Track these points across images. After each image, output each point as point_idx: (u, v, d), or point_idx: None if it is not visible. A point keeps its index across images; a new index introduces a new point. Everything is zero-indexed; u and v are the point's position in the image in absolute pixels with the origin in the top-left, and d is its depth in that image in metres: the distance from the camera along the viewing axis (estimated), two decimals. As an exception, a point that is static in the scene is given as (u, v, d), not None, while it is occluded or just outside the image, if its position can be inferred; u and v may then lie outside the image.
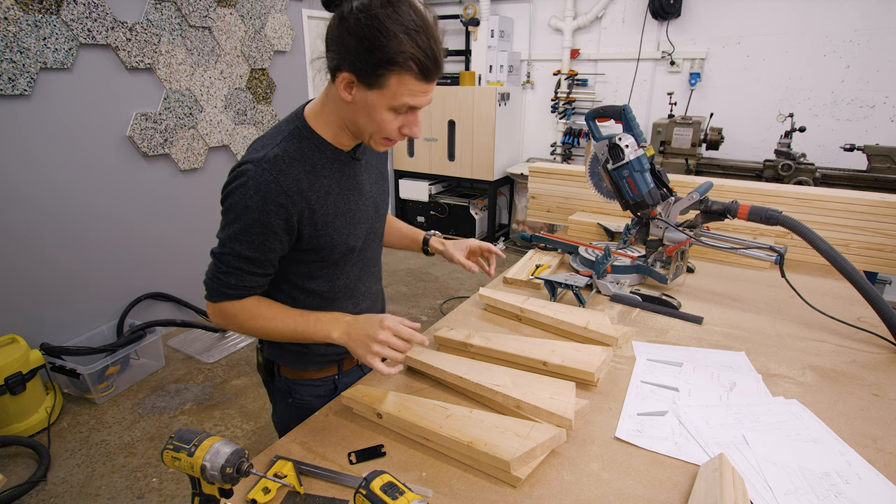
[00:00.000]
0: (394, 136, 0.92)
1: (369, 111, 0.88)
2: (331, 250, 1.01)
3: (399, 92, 0.84)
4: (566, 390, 0.98)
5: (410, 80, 0.83)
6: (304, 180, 0.94)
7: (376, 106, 0.86)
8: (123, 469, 2.19)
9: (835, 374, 1.15)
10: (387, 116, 0.88)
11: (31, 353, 2.38)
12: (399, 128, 0.91)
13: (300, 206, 0.93)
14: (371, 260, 1.15)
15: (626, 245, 1.73)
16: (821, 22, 3.51)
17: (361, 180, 1.05)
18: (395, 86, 0.83)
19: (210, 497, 0.74)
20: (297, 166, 0.93)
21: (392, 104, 0.86)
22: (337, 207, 0.99)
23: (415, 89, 0.85)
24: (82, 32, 2.58)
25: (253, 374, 2.88)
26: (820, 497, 0.80)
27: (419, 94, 0.86)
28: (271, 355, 1.16)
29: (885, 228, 1.70)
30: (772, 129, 3.72)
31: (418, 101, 0.87)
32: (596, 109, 1.62)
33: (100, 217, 2.86)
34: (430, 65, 0.83)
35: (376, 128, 0.90)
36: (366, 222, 1.07)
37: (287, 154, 0.93)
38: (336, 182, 0.99)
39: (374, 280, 1.20)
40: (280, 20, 3.61)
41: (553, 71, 4.57)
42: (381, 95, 0.85)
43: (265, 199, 0.89)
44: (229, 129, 3.43)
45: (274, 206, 0.90)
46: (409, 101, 0.86)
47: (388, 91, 0.84)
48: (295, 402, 1.17)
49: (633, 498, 0.81)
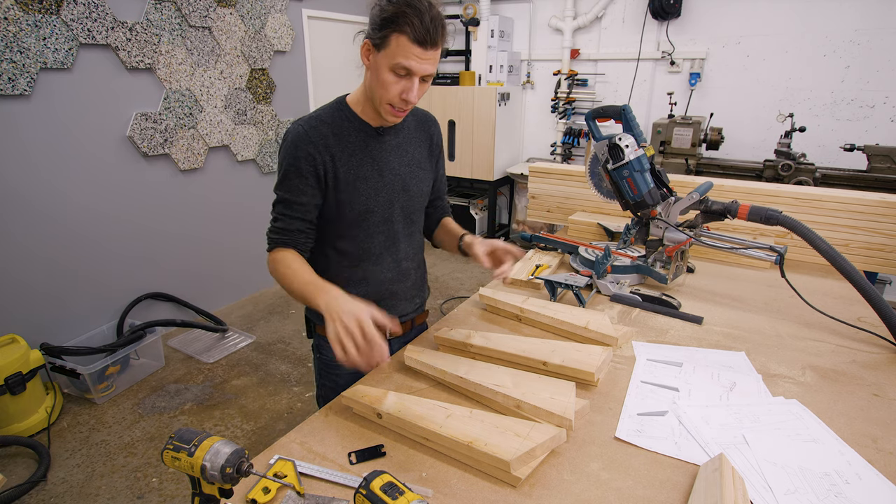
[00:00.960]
0: (395, 100, 1.05)
1: (378, 73, 1.04)
2: (350, 207, 1.15)
3: (396, 51, 1.00)
4: (566, 390, 0.98)
5: (406, 41, 0.98)
6: (331, 138, 1.13)
7: (381, 66, 1.03)
8: (123, 469, 2.19)
9: (835, 374, 1.15)
10: (388, 77, 1.03)
11: (31, 353, 2.38)
12: (399, 93, 1.04)
13: (325, 158, 1.12)
14: (399, 234, 1.25)
15: (626, 245, 1.73)
16: (821, 22, 3.51)
17: (387, 157, 1.19)
18: (395, 46, 0.99)
19: (210, 497, 0.74)
20: (326, 128, 1.13)
21: (391, 63, 1.01)
22: (358, 171, 1.15)
23: (409, 51, 0.99)
24: (82, 32, 2.58)
25: (253, 374, 2.88)
26: (820, 497, 0.80)
27: (413, 57, 1.00)
28: (308, 313, 1.34)
29: (885, 228, 1.70)
30: (772, 129, 3.73)
31: (412, 64, 1.01)
32: (596, 109, 1.62)
33: (100, 217, 2.86)
34: (424, 32, 0.98)
35: (381, 90, 1.04)
36: (388, 193, 1.19)
37: (320, 117, 1.14)
38: (360, 149, 1.16)
39: (405, 257, 1.28)
40: (280, 20, 3.61)
41: (553, 71, 4.57)
42: (385, 55, 1.01)
43: (296, 147, 1.11)
44: (229, 129, 3.43)
45: (303, 153, 1.10)
46: (404, 61, 1.00)
47: (389, 51, 1.00)
48: (322, 357, 1.32)
49: (633, 498, 0.81)
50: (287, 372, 2.91)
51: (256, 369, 2.93)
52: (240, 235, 3.63)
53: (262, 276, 3.80)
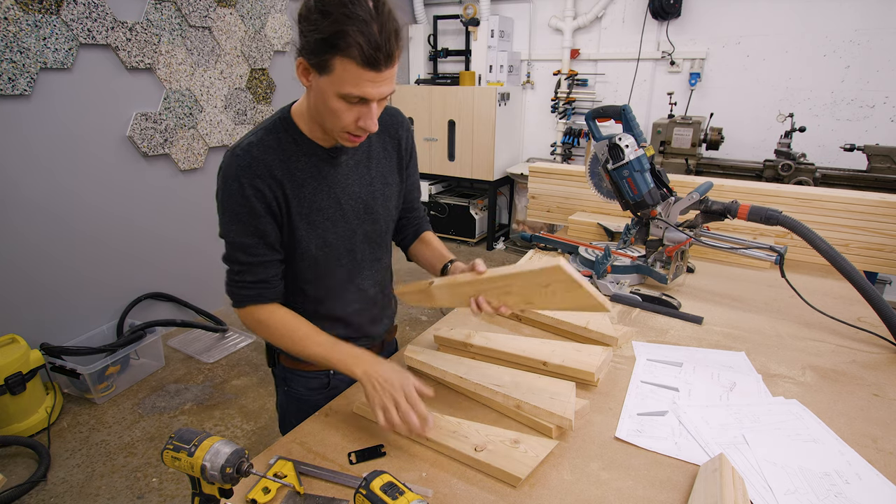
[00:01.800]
0: (351, 129, 0.89)
1: (324, 98, 0.86)
2: (306, 244, 1.00)
3: (344, 79, 0.82)
4: (566, 390, 0.99)
5: (353, 66, 0.80)
6: (278, 168, 0.95)
7: (328, 93, 0.85)
8: (123, 469, 2.19)
9: (835, 374, 1.15)
10: (338, 105, 0.86)
11: (31, 353, 2.38)
12: (355, 120, 0.88)
13: (276, 192, 0.95)
14: (362, 263, 1.11)
15: (626, 245, 1.73)
16: (821, 22, 3.51)
17: (344, 181, 1.03)
18: (340, 71, 0.81)
19: (210, 497, 0.74)
20: (271, 154, 0.95)
21: (340, 91, 0.84)
22: (312, 202, 0.99)
23: (360, 77, 0.81)
24: (82, 32, 2.58)
25: (253, 374, 2.88)
26: (820, 497, 0.80)
27: (364, 84, 0.82)
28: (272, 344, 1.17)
29: (885, 228, 1.70)
30: (772, 129, 3.72)
31: (365, 91, 0.83)
32: (596, 109, 1.62)
33: (100, 217, 2.86)
34: (374, 52, 0.79)
35: (332, 118, 0.88)
36: (347, 222, 1.04)
37: (262, 142, 0.95)
38: (311, 177, 0.99)
39: (372, 283, 1.15)
40: (280, 20, 3.61)
41: (553, 71, 4.57)
42: (330, 82, 0.83)
43: (241, 182, 0.93)
44: (229, 129, 3.43)
45: (251, 189, 0.93)
46: (353, 90, 0.83)
47: (335, 76, 0.82)
48: (290, 390, 1.20)
49: (633, 498, 0.81)
50: (287, 372, 2.91)
51: (256, 369, 2.93)
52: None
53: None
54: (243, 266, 0.98)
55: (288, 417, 1.24)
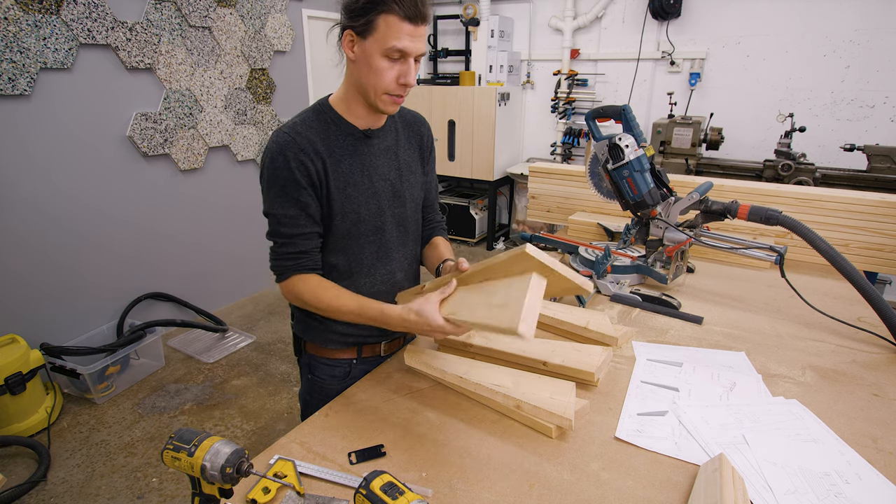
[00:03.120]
0: (392, 87, 0.99)
1: (368, 62, 0.96)
2: (341, 217, 1.08)
3: (387, 34, 0.92)
4: (566, 390, 0.99)
5: (395, 20, 0.91)
6: (320, 144, 1.05)
7: (372, 54, 0.95)
8: (123, 469, 2.19)
9: (835, 374, 1.15)
10: (382, 63, 0.96)
11: (31, 353, 2.38)
12: (396, 78, 0.98)
13: (317, 164, 1.04)
14: (391, 244, 1.17)
15: (626, 245, 1.73)
16: (821, 22, 3.51)
17: (376, 161, 1.12)
18: (384, 28, 0.92)
19: (210, 497, 0.74)
20: (312, 132, 1.05)
21: (383, 48, 0.94)
22: (348, 177, 1.07)
23: (401, 31, 0.92)
24: (82, 32, 2.58)
25: (253, 374, 2.88)
26: (820, 497, 0.80)
27: (405, 37, 0.93)
28: (298, 331, 1.24)
29: (885, 228, 1.70)
30: (772, 129, 3.73)
31: (405, 45, 0.94)
32: (596, 109, 1.62)
33: (100, 217, 2.86)
34: (413, 6, 0.91)
35: (376, 80, 0.97)
36: (378, 200, 1.12)
37: (304, 122, 1.06)
38: (348, 154, 1.08)
39: (399, 268, 1.21)
40: (280, 20, 3.61)
41: (553, 71, 4.57)
42: (374, 41, 0.94)
43: (286, 156, 1.01)
44: (229, 129, 3.43)
45: (295, 162, 1.01)
46: (397, 43, 0.93)
47: (378, 35, 0.93)
48: (314, 378, 1.25)
49: (633, 498, 0.81)
50: (287, 372, 2.90)
51: (256, 369, 2.93)
52: (240, 235, 3.63)
53: (262, 276, 3.80)
54: (286, 239, 1.05)
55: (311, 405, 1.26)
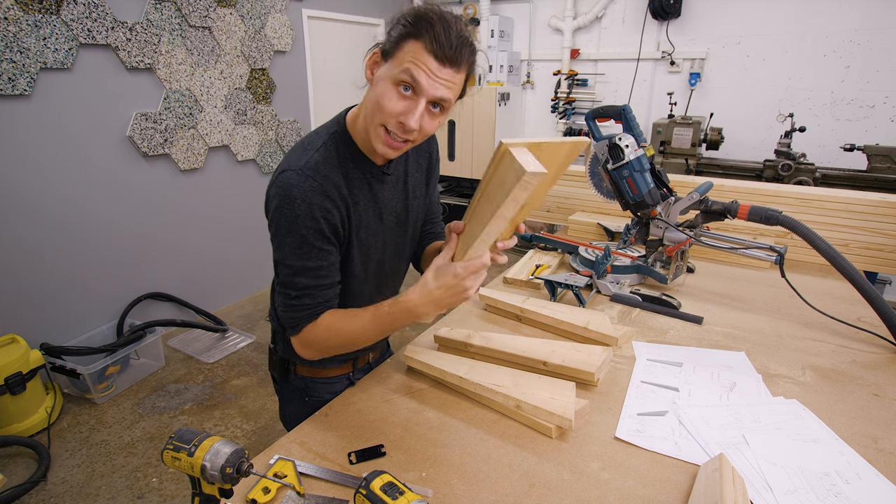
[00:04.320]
0: (390, 121, 0.87)
1: (378, 86, 0.87)
2: (351, 261, 1.01)
3: (405, 58, 0.84)
4: (566, 390, 0.98)
5: (420, 49, 0.83)
6: (343, 186, 0.95)
7: (385, 79, 0.86)
8: (123, 469, 2.19)
9: (835, 374, 1.15)
10: (390, 90, 0.86)
11: (31, 353, 2.38)
12: (397, 113, 0.86)
13: (342, 211, 0.95)
14: (389, 273, 1.14)
15: (626, 245, 1.73)
16: (821, 22, 3.51)
17: (386, 196, 1.04)
18: (406, 52, 0.84)
19: (210, 497, 0.74)
20: (335, 172, 0.95)
21: (397, 71, 0.84)
22: (363, 218, 1.00)
23: (420, 59, 0.83)
24: (82, 32, 2.58)
25: (253, 374, 2.88)
26: (820, 497, 0.80)
27: (423, 68, 0.83)
28: (287, 354, 1.15)
29: (885, 228, 1.70)
30: (772, 129, 3.73)
31: (420, 76, 0.83)
32: (596, 109, 1.62)
33: (100, 217, 2.86)
34: (443, 46, 0.82)
35: (376, 106, 0.87)
36: (384, 236, 1.06)
37: (327, 160, 0.94)
38: (364, 195, 0.99)
39: (391, 292, 1.18)
40: (280, 20, 3.61)
41: (553, 71, 4.57)
42: (392, 64, 0.85)
43: (311, 205, 0.90)
44: (229, 129, 3.43)
45: (321, 211, 0.91)
46: (412, 68, 0.83)
47: (398, 58, 0.85)
48: (311, 399, 1.18)
49: (633, 498, 0.81)
50: (287, 372, 2.91)
51: (256, 369, 2.93)
52: (240, 235, 3.63)
53: (262, 276, 3.81)
54: (304, 290, 0.94)
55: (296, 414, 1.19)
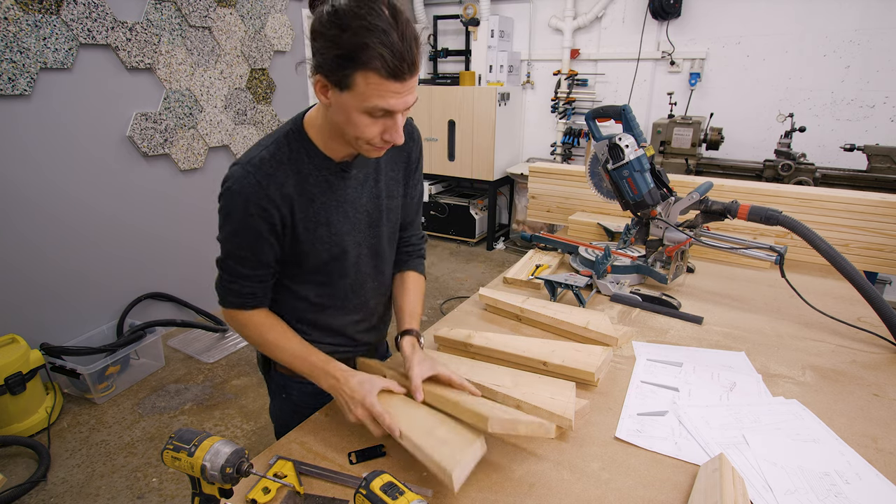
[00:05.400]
0: (376, 142, 0.87)
1: (346, 114, 0.84)
2: (312, 257, 1.00)
3: (367, 92, 0.79)
4: (566, 390, 0.98)
5: (376, 78, 0.78)
6: (290, 185, 0.93)
7: (350, 108, 0.83)
8: (123, 469, 2.19)
9: (835, 374, 1.15)
10: (362, 120, 0.83)
11: (31, 353, 2.38)
12: (380, 133, 0.86)
13: (283, 210, 0.93)
14: (365, 275, 1.10)
15: (626, 245, 1.73)
16: (821, 22, 3.51)
17: (352, 195, 1.02)
18: (363, 86, 0.79)
19: (210, 497, 0.74)
20: (283, 170, 0.93)
21: (364, 106, 0.81)
22: (319, 216, 0.98)
23: (383, 89, 0.79)
24: (82, 32, 2.58)
25: (253, 374, 2.88)
26: (820, 497, 0.80)
27: (389, 95, 0.80)
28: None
29: (885, 228, 1.70)
30: (772, 129, 3.73)
31: (389, 104, 0.81)
32: (596, 109, 1.62)
33: (100, 217, 2.86)
34: (397, 62, 0.77)
35: (356, 132, 0.86)
36: (353, 234, 1.03)
37: (275, 157, 0.92)
38: (321, 191, 0.97)
39: (372, 295, 1.14)
40: (280, 20, 3.61)
41: (553, 71, 4.57)
42: (352, 97, 0.81)
43: (247, 203, 0.91)
44: (229, 129, 3.43)
45: (256, 209, 0.91)
46: (379, 102, 0.80)
47: (356, 92, 0.80)
48: (289, 397, 1.18)
49: (633, 498, 0.81)
50: (287, 372, 2.91)
51: (256, 369, 2.93)
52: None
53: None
54: (235, 276, 0.98)
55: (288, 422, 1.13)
